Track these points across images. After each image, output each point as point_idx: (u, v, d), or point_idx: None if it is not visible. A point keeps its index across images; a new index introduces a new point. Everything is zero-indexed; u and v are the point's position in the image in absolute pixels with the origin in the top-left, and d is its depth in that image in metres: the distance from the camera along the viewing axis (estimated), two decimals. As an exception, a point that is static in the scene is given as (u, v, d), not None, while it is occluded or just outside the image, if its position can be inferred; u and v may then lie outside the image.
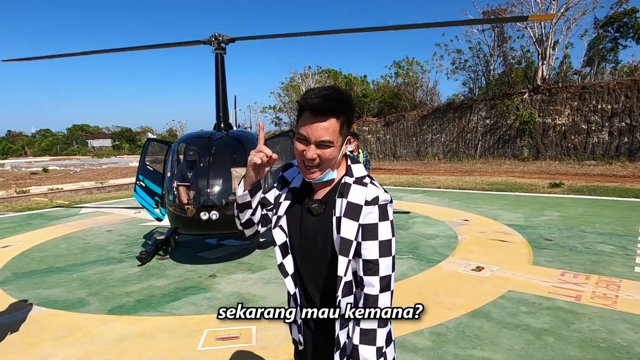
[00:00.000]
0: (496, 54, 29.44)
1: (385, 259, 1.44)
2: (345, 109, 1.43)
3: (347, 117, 1.45)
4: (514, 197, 11.64)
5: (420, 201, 11.26)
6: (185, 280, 5.49)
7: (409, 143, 31.86)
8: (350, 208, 1.42)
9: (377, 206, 1.43)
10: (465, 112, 28.78)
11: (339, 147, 1.44)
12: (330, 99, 1.38)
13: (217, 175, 5.64)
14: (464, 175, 18.10)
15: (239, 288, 5.10)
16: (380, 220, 1.44)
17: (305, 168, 1.46)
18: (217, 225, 5.49)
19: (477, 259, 5.90)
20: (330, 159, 1.43)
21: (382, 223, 1.45)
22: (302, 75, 42.07)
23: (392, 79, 35.46)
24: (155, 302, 4.73)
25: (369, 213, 1.42)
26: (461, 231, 7.61)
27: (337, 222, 1.44)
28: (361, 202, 1.42)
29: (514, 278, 5.07)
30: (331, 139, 1.40)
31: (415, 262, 5.89)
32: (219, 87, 7.32)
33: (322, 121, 1.39)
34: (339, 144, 1.44)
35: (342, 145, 1.46)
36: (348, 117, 1.45)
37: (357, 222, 1.42)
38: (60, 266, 6.35)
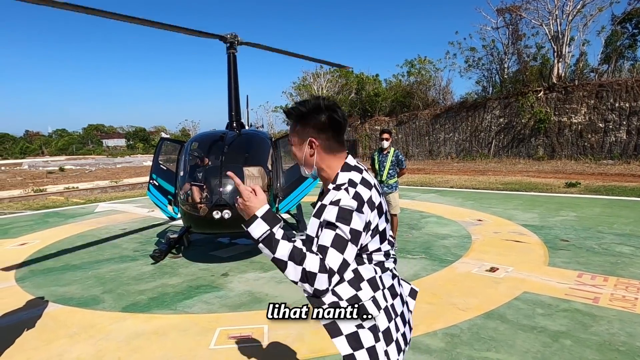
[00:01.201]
0: (510, 51, 29.09)
1: (326, 233, 1.50)
2: (299, 115, 1.63)
3: (302, 122, 1.63)
4: (529, 197, 11.46)
5: (433, 201, 11.17)
6: (198, 278, 5.51)
7: (422, 142, 31.64)
8: (318, 208, 1.57)
9: (338, 207, 1.50)
10: (478, 111, 28.47)
11: (297, 147, 1.67)
12: (294, 107, 1.65)
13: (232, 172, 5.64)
14: (478, 174, 17.90)
15: (252, 287, 5.11)
16: (335, 217, 1.49)
17: None
18: (230, 224, 5.50)
19: (491, 259, 5.82)
20: (296, 156, 1.70)
21: (334, 214, 1.49)
22: (314, 74, 42.10)
23: (404, 77, 35.27)
24: (168, 301, 4.76)
25: (328, 211, 1.51)
26: (475, 231, 7.52)
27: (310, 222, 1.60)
28: (326, 203, 1.54)
29: (530, 279, 4.99)
30: (290, 137, 1.70)
31: (428, 262, 5.83)
32: (231, 86, 7.34)
33: (289, 124, 1.71)
34: (297, 144, 1.67)
35: (301, 146, 1.65)
36: (304, 122, 1.63)
37: (318, 220, 1.54)
38: (75, 264, 6.43)
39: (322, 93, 39.81)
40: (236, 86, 7.41)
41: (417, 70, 33.99)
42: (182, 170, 6.15)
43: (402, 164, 6.57)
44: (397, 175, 6.56)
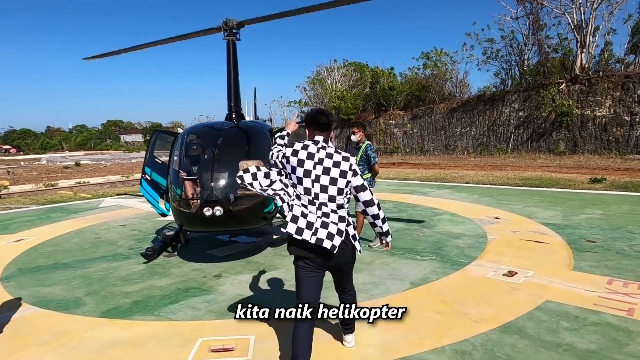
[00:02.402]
0: (531, 42, 28.02)
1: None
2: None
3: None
4: (550, 193, 10.81)
5: (448, 197, 10.60)
6: (189, 280, 5.13)
7: (437, 137, 30.86)
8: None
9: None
10: (496, 104, 27.55)
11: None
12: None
13: (223, 168, 5.25)
14: (495, 170, 17.19)
15: (244, 290, 4.70)
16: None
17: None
18: (222, 221, 5.11)
19: (509, 262, 5.29)
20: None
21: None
22: (327, 69, 41.50)
23: (420, 70, 34.41)
24: (153, 305, 4.39)
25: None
26: (491, 230, 6.97)
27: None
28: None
29: (552, 286, 4.46)
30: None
31: (438, 264, 5.34)
32: (230, 75, 6.93)
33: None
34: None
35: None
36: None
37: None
38: (66, 262, 6.14)
39: (336, 87, 39.23)
40: (236, 75, 7.00)
41: (433, 62, 33.09)
42: (173, 164, 5.77)
43: (372, 160, 6.13)
44: (368, 171, 6.08)
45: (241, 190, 5.20)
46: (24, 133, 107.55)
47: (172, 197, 5.50)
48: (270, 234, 7.36)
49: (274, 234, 7.39)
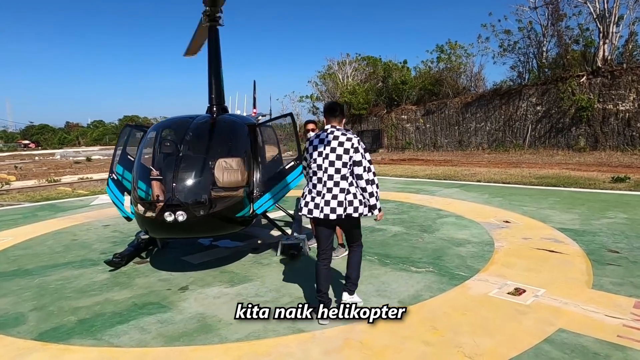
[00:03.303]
0: (550, 33, 26.78)
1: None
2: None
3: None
4: (568, 193, 9.96)
5: (456, 197, 9.85)
6: (151, 293, 4.56)
7: (451, 132, 29.88)
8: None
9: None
10: (513, 99, 26.46)
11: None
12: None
13: (189, 167, 4.66)
14: (510, 167, 16.29)
15: (207, 308, 4.10)
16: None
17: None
18: (187, 228, 4.53)
19: (516, 276, 4.58)
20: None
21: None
22: (339, 63, 40.69)
23: (433, 64, 33.35)
24: (99, 325, 3.82)
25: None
26: (499, 236, 6.24)
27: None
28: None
29: (567, 309, 3.75)
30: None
31: (434, 278, 4.66)
32: (212, 64, 6.33)
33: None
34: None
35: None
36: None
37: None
38: (29, 268, 5.64)
39: (347, 82, 38.43)
40: (217, 65, 6.38)
41: (447, 56, 32.02)
42: (137, 162, 5.20)
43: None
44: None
45: (210, 193, 4.61)
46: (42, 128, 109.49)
47: (133, 200, 4.93)
48: (255, 238, 6.76)
49: (259, 238, 6.79)
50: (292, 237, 5.79)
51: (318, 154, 3.58)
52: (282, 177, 5.29)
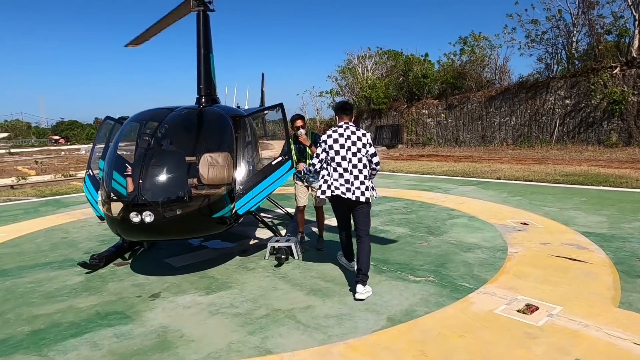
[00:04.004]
0: (580, 22, 25.33)
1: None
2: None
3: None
4: (596, 192, 9.14)
5: (471, 195, 9.17)
6: (118, 300, 4.17)
7: (474, 127, 28.82)
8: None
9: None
10: (540, 92, 25.23)
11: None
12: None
13: (160, 163, 4.24)
14: (534, 163, 15.37)
15: (172, 320, 3.68)
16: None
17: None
18: (156, 230, 4.11)
19: (529, 289, 3.97)
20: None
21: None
22: (359, 57, 39.90)
23: (456, 57, 32.20)
24: (51, 338, 3.44)
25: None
26: (514, 240, 5.60)
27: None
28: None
29: (587, 333, 3.14)
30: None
31: (434, 289, 4.10)
32: (200, 52, 5.91)
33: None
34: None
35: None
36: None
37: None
38: (7, 268, 5.37)
39: (367, 76, 37.66)
40: (207, 53, 5.97)
41: (470, 48, 30.84)
42: (107, 158, 4.80)
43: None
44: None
45: (182, 191, 4.18)
46: (72, 124, 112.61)
47: (101, 198, 4.55)
48: (247, 239, 6.32)
49: (252, 238, 6.35)
50: (282, 238, 5.32)
51: (340, 147, 4.09)
52: (268, 173, 4.83)
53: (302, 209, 5.73)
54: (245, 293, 4.21)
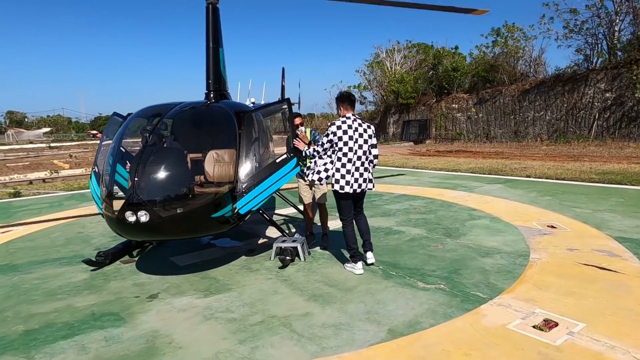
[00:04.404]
0: (623, 11, 23.89)
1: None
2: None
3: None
4: (635, 192, 8.48)
5: (496, 194, 8.70)
6: (116, 300, 4.09)
7: (506, 122, 27.80)
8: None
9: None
10: (578, 85, 24.00)
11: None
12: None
13: (156, 160, 4.11)
14: (568, 160, 14.56)
15: (165, 324, 3.55)
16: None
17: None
18: (152, 229, 3.99)
19: (550, 302, 3.62)
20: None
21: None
22: (388, 51, 39.18)
23: (488, 49, 31.07)
24: (42, 339, 3.38)
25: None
26: (539, 245, 5.20)
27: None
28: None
29: (612, 356, 2.79)
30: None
31: (443, 298, 3.80)
32: (209, 46, 5.76)
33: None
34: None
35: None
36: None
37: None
38: (18, 263, 5.43)
39: (396, 70, 36.95)
40: (216, 46, 5.81)
41: (503, 39, 29.67)
42: (108, 155, 4.72)
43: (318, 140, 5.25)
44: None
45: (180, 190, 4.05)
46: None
47: (100, 196, 4.48)
48: (257, 238, 6.17)
49: (261, 237, 6.19)
50: (289, 239, 5.13)
51: (349, 138, 4.26)
52: (272, 171, 4.63)
53: (308, 206, 5.55)
54: (244, 296, 4.04)
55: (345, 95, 4.42)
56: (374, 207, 7.93)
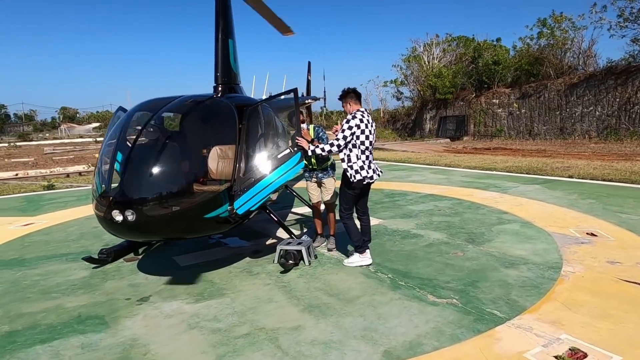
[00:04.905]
0: (687, -4, 21.77)
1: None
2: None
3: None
4: (694, 197, 7.54)
5: (532, 196, 8.00)
6: (106, 302, 3.93)
7: (551, 118, 26.19)
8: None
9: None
10: (632, 78, 22.19)
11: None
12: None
13: (147, 157, 3.89)
14: (618, 160, 13.39)
15: (147, 331, 3.32)
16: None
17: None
18: (141, 229, 3.78)
19: (579, 326, 3.10)
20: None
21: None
22: (426, 44, 37.99)
23: (533, 41, 29.38)
24: (21, 342, 3.24)
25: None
26: (574, 256, 4.60)
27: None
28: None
29: (652, 401, 2.27)
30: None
31: (454, 315, 3.35)
32: (218, 37, 5.51)
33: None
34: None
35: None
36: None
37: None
38: (28, 257, 5.45)
39: (433, 64, 35.79)
40: (225, 37, 5.55)
41: (550, 30, 27.94)
42: (101, 152, 4.53)
43: (325, 141, 4.96)
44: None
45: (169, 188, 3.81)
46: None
47: (92, 194, 4.31)
48: (266, 238, 5.89)
49: (270, 237, 5.91)
50: (294, 241, 4.81)
51: (370, 132, 4.38)
52: (273, 168, 4.32)
53: (317, 207, 5.22)
54: (236, 304, 3.76)
55: (351, 91, 4.50)
56: (396, 207, 7.47)
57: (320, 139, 5.01)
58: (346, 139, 4.27)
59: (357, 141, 4.30)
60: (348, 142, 4.29)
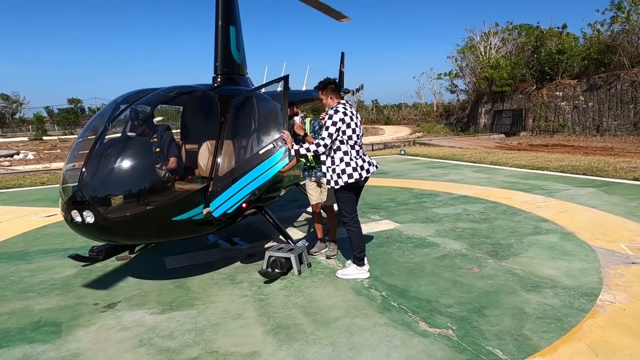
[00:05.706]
0: None
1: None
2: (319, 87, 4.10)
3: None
4: None
5: (582, 201, 6.95)
6: (71, 307, 3.70)
7: (623, 112, 23.66)
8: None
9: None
10: None
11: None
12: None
13: (109, 153, 3.59)
14: (700, 160, 11.58)
15: (92, 346, 3.02)
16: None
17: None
18: (102, 232, 3.49)
19: (605, 381, 2.38)
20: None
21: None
22: (484, 34, 35.82)
23: (604, 27, 26.67)
24: (-33, 347, 3.06)
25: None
26: (618, 280, 3.76)
27: None
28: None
29: None
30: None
31: (444, 351, 2.73)
32: (218, 23, 5.16)
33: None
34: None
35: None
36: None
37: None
38: (34, 250, 5.49)
39: (490, 54, 33.67)
40: (225, 24, 5.19)
41: (625, 14, 25.18)
42: (72, 148, 4.27)
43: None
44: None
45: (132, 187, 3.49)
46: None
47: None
48: (266, 240, 5.48)
49: (270, 239, 5.48)
50: (285, 247, 4.35)
51: (352, 124, 3.94)
52: (253, 165, 3.89)
53: (316, 209, 4.72)
54: (201, 318, 3.37)
55: (332, 81, 4.06)
56: (420, 209, 6.77)
57: (317, 134, 4.50)
58: (332, 137, 3.83)
59: (344, 137, 3.87)
60: (335, 139, 3.84)
